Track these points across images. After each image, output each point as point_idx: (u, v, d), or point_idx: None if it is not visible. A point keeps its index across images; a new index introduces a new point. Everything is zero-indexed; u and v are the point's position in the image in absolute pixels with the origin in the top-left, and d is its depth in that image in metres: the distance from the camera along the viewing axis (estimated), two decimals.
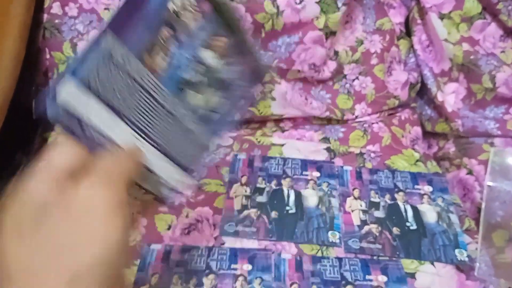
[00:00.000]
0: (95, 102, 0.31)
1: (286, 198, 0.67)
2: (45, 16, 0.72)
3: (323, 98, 0.81)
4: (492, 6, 0.74)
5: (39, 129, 0.75)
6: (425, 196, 0.68)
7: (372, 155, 0.75)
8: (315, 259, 0.59)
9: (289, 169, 0.71)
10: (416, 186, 0.70)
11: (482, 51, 0.77)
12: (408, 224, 0.64)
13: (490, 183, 0.70)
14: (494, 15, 0.76)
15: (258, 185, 0.68)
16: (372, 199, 0.67)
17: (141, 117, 0.35)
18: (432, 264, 0.60)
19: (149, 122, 0.36)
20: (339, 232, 0.62)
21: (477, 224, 0.67)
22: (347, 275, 0.58)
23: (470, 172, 0.76)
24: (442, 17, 0.78)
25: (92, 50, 0.31)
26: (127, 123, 0.34)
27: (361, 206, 0.66)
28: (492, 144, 0.79)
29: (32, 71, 0.73)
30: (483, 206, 0.68)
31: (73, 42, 0.72)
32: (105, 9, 0.72)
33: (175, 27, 0.36)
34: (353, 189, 0.69)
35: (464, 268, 0.60)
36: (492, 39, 0.77)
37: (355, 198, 0.67)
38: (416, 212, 0.66)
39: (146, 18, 0.34)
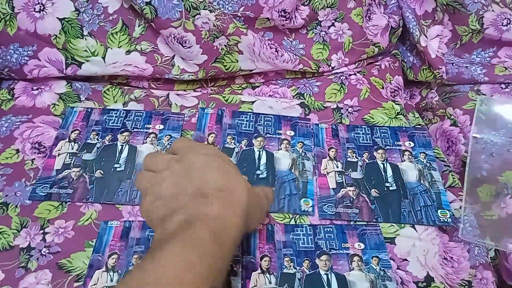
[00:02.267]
0: None
1: (257, 161, 0.61)
2: None
3: (295, 49, 0.73)
4: None
5: None
6: (406, 153, 0.63)
7: (350, 110, 0.69)
8: (288, 229, 0.55)
9: (261, 127, 0.65)
10: (396, 143, 0.64)
11: None
12: (387, 184, 0.59)
13: (476, 134, 0.65)
14: None
15: (226, 145, 0.63)
16: (349, 159, 0.62)
17: None
18: (413, 227, 0.56)
19: None
20: (312, 200, 0.58)
21: (461, 179, 0.63)
22: (322, 243, 0.54)
23: (454, 123, 0.71)
24: None
25: None
26: None
27: (337, 167, 0.61)
28: (478, 92, 0.74)
29: None
30: (468, 159, 0.63)
31: None
32: None
33: None
34: (329, 149, 0.63)
35: (447, 229, 0.57)
36: None
37: (331, 159, 0.62)
38: (396, 171, 0.61)
39: None
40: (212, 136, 0.63)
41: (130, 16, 0.67)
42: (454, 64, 0.75)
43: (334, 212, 0.57)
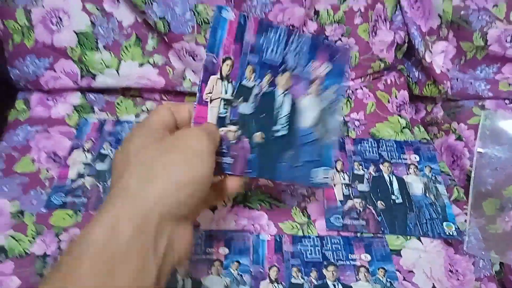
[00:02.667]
0: None
1: None
2: None
3: None
4: None
5: None
6: (412, 166, 0.64)
7: (356, 123, 0.71)
8: (296, 239, 0.56)
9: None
10: (402, 156, 0.66)
11: (473, 5, 0.72)
12: (393, 197, 0.61)
13: (480, 149, 0.67)
14: None
15: (244, 83, 0.54)
16: (355, 172, 0.64)
17: None
18: (419, 239, 0.57)
19: None
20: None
21: (466, 193, 0.64)
22: (329, 254, 0.55)
23: (459, 138, 0.72)
24: None
25: None
26: None
27: (344, 179, 0.63)
28: (482, 107, 0.75)
29: None
30: (472, 174, 0.64)
31: (27, 9, 0.65)
32: None
33: None
34: (336, 161, 0.65)
35: (453, 242, 0.58)
36: None
37: (338, 171, 0.64)
38: (402, 184, 0.62)
39: None
40: (228, 64, 0.42)
41: (143, 30, 0.68)
42: (458, 80, 0.76)
43: (341, 224, 0.58)
